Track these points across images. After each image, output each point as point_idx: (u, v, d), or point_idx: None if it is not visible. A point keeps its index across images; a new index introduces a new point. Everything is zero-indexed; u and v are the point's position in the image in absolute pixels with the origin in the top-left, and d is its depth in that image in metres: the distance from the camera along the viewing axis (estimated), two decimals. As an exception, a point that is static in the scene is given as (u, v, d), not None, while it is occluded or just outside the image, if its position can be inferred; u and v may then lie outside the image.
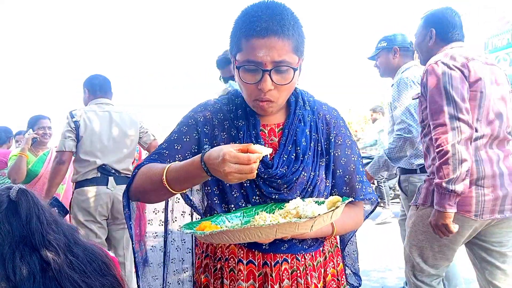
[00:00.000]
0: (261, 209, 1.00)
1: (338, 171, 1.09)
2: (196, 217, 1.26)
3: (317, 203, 0.93)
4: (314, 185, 1.03)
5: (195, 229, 0.91)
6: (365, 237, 4.34)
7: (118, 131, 2.69)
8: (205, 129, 1.05)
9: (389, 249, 4.11)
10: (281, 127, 1.06)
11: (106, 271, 0.84)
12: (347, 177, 1.09)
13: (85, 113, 2.64)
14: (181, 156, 1.03)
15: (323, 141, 1.08)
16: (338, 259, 1.13)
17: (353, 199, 1.07)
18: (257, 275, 0.99)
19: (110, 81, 2.88)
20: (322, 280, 1.05)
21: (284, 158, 1.01)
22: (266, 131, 1.05)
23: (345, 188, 1.09)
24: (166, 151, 1.04)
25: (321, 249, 1.07)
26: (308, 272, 1.01)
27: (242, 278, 0.99)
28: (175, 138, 1.06)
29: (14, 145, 3.90)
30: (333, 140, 1.08)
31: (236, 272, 1.00)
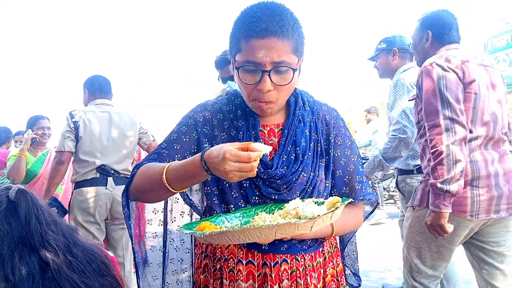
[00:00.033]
0: (261, 210, 0.99)
1: (337, 172, 1.09)
2: (195, 217, 1.26)
3: (316, 204, 0.93)
4: (313, 186, 1.03)
5: (195, 229, 0.91)
6: (364, 237, 4.34)
7: (117, 131, 2.69)
8: (204, 129, 1.05)
9: (389, 249, 4.11)
10: (281, 127, 1.06)
11: (105, 271, 0.84)
12: (347, 177, 1.09)
13: (85, 113, 2.63)
14: (180, 156, 1.03)
15: (322, 141, 1.07)
16: (337, 260, 1.13)
17: (352, 200, 1.07)
18: (256, 275, 0.99)
19: (110, 82, 2.88)
20: (321, 280, 1.04)
21: (283, 158, 1.01)
22: (265, 132, 1.05)
23: (344, 188, 1.09)
24: (165, 151, 1.04)
25: (321, 249, 1.07)
26: (307, 272, 1.01)
27: (241, 278, 0.99)
28: (175, 138, 1.06)
29: (13, 145, 3.90)
30: (332, 140, 1.08)
31: (235, 272, 0.99)
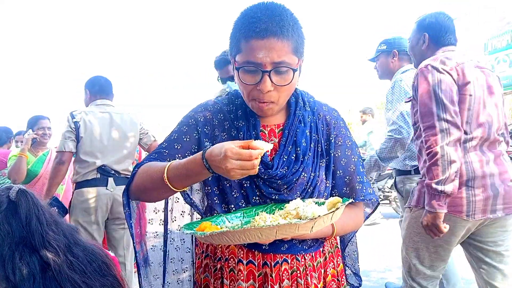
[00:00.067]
0: (261, 210, 1.00)
1: (338, 172, 1.09)
2: (196, 217, 1.26)
3: (317, 204, 0.93)
4: (314, 186, 1.03)
5: (195, 229, 0.91)
6: (365, 237, 4.34)
7: (118, 132, 2.69)
8: (205, 129, 1.05)
9: (389, 249, 4.11)
10: (281, 127, 1.06)
11: (106, 271, 0.84)
12: (347, 177, 1.09)
13: (86, 114, 2.64)
14: (181, 155, 1.03)
15: (323, 141, 1.07)
16: (338, 260, 1.13)
17: (353, 200, 1.07)
18: (257, 275, 0.99)
19: (111, 83, 2.88)
20: (322, 280, 1.05)
21: (284, 158, 1.01)
22: (266, 132, 1.05)
23: (345, 188, 1.09)
24: (166, 150, 1.04)
25: (321, 249, 1.07)
26: (308, 272, 1.01)
27: (242, 278, 0.99)
28: (175, 137, 1.06)
29: (14, 145, 3.90)
30: (333, 141, 1.08)
31: (236, 272, 0.99)
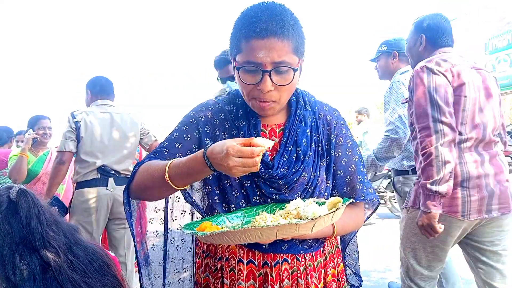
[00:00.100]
0: (262, 209, 1.00)
1: (339, 172, 1.09)
2: (196, 216, 1.26)
3: (317, 204, 0.93)
4: (314, 186, 1.03)
5: (196, 229, 0.91)
6: (365, 237, 4.34)
7: (118, 132, 2.69)
8: (206, 128, 1.05)
9: (390, 249, 4.10)
10: (282, 127, 1.06)
11: (106, 271, 0.84)
12: (348, 177, 1.09)
13: (86, 114, 2.65)
14: (181, 154, 1.03)
15: (324, 141, 1.07)
16: (338, 260, 1.13)
17: (354, 200, 1.07)
18: (257, 275, 0.99)
19: (112, 83, 2.89)
20: (322, 280, 1.05)
21: (284, 158, 1.01)
22: (266, 132, 1.05)
23: (346, 188, 1.09)
24: (166, 149, 1.04)
25: (322, 249, 1.07)
26: (308, 272, 1.01)
27: (242, 278, 0.99)
28: (176, 136, 1.06)
29: (14, 145, 3.90)
30: (334, 140, 1.08)
31: (236, 272, 0.99)
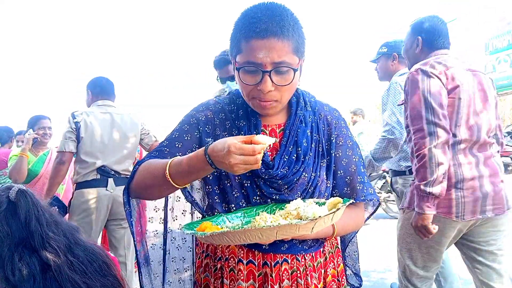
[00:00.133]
0: (262, 210, 1.00)
1: (339, 172, 1.09)
2: (197, 216, 1.26)
3: (318, 204, 0.93)
4: (315, 186, 1.03)
5: (196, 229, 0.91)
6: (365, 237, 4.34)
7: (118, 132, 2.69)
8: (206, 128, 1.05)
9: (390, 249, 4.10)
10: (282, 127, 1.06)
11: (106, 271, 0.84)
12: (348, 178, 1.09)
13: (87, 114, 2.65)
14: (181, 154, 1.03)
15: (324, 142, 1.07)
16: (338, 260, 1.12)
17: (354, 200, 1.07)
18: (257, 275, 0.99)
19: (113, 84, 2.89)
20: (322, 280, 1.04)
21: (285, 158, 1.01)
22: (267, 132, 1.05)
23: (346, 189, 1.09)
24: (167, 148, 1.04)
25: (322, 249, 1.07)
26: (308, 272, 1.01)
27: (242, 278, 0.99)
28: (176, 136, 1.06)
29: (15, 145, 3.90)
30: (334, 141, 1.08)
31: (236, 272, 0.99)
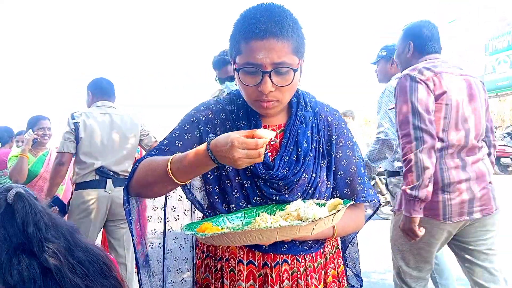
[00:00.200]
0: (262, 210, 1.00)
1: (339, 173, 1.09)
2: (197, 216, 1.26)
3: (318, 205, 0.93)
4: (315, 187, 1.03)
5: (196, 230, 0.91)
6: (366, 238, 4.33)
7: (118, 133, 2.69)
8: (207, 128, 1.05)
9: (389, 250, 4.09)
10: (283, 128, 1.06)
11: (107, 272, 0.83)
12: (349, 178, 1.09)
13: (86, 115, 2.65)
14: (181, 153, 1.03)
15: (324, 142, 1.07)
16: (339, 261, 1.12)
17: (354, 201, 1.06)
18: (257, 275, 0.99)
19: (113, 85, 2.89)
20: (322, 281, 1.04)
21: (285, 159, 1.01)
22: (267, 132, 1.05)
23: (346, 189, 1.09)
24: (167, 147, 1.04)
25: (322, 250, 1.07)
26: (308, 273, 1.01)
27: (242, 278, 0.98)
28: (177, 135, 1.06)
29: (15, 145, 3.90)
30: (334, 141, 1.08)
31: (236, 272, 0.99)
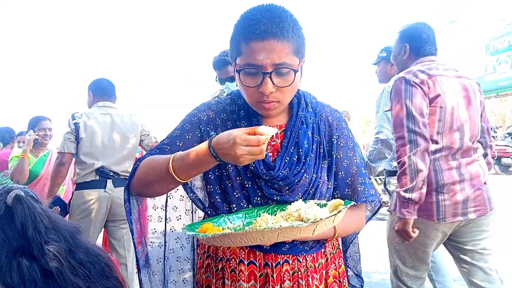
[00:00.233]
0: (263, 211, 0.99)
1: (340, 173, 1.09)
2: (199, 216, 1.26)
3: (319, 206, 0.93)
4: (316, 187, 1.03)
5: (197, 231, 0.91)
6: (366, 238, 4.32)
7: (118, 133, 2.69)
8: (208, 128, 1.05)
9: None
10: (284, 128, 1.06)
11: (109, 273, 0.83)
12: (349, 179, 1.09)
13: (87, 115, 2.65)
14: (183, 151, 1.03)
15: (325, 143, 1.07)
16: (340, 261, 1.12)
17: (355, 202, 1.06)
18: (258, 275, 0.99)
19: (114, 85, 2.89)
20: (323, 281, 1.04)
21: (286, 160, 1.01)
22: (268, 133, 1.05)
23: (347, 190, 1.09)
24: (167, 146, 1.04)
25: (323, 250, 1.07)
26: (309, 273, 1.01)
27: (243, 278, 0.99)
28: (178, 134, 1.06)
29: (16, 145, 3.90)
30: (335, 142, 1.08)
31: (237, 272, 0.99)
